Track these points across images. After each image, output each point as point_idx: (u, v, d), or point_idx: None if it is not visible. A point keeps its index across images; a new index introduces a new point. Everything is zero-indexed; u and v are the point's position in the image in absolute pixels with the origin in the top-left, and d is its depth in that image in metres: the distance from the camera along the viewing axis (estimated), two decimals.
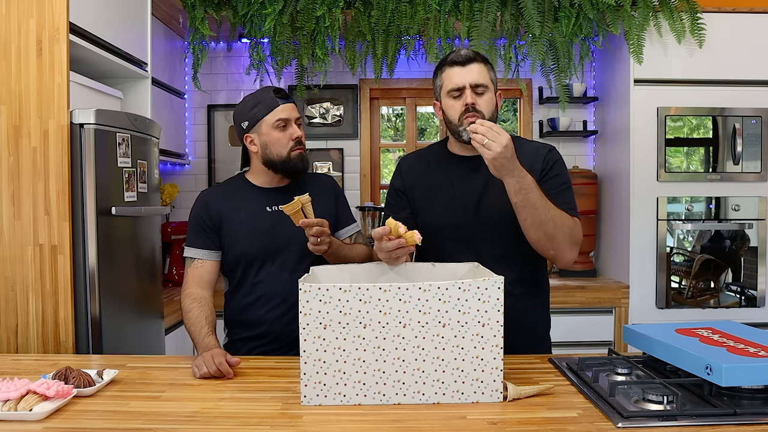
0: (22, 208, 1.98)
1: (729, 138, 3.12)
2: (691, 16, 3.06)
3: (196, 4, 3.16)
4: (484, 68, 1.73)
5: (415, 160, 1.91)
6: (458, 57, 1.73)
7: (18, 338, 1.99)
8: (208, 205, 1.90)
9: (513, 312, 1.58)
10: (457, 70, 1.72)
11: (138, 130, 2.27)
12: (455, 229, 1.76)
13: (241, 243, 1.85)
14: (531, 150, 1.82)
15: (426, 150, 1.94)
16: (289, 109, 1.86)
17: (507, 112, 4.58)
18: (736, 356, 1.28)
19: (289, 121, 1.85)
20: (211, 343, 1.66)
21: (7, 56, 1.97)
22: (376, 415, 1.26)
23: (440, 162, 1.85)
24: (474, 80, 1.70)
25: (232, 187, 1.95)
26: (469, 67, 1.71)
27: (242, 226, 1.86)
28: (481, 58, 1.75)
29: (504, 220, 1.71)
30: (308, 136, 3.66)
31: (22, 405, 1.24)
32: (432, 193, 1.82)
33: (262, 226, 1.85)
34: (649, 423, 1.16)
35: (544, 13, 3.11)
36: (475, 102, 1.70)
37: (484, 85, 1.71)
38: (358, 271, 1.61)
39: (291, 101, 1.88)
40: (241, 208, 1.88)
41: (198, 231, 1.89)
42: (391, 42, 3.25)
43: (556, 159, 1.81)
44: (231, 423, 1.22)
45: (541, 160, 1.78)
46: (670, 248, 3.12)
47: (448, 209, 1.78)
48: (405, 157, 1.97)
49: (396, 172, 1.92)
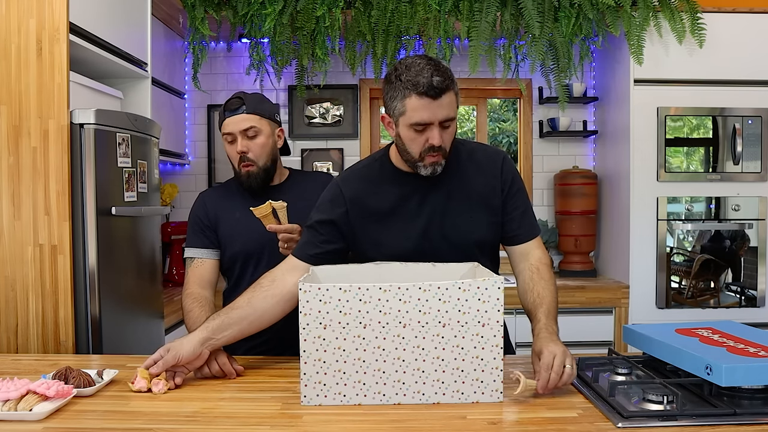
0: (22, 208, 1.98)
1: (729, 138, 3.12)
2: (692, 16, 3.06)
3: (196, 4, 3.16)
4: (453, 96, 1.48)
5: (361, 187, 1.63)
6: (430, 89, 1.43)
7: (18, 338, 1.99)
8: (205, 205, 1.92)
9: None
10: (426, 102, 1.44)
11: (138, 130, 2.27)
12: (415, 255, 1.60)
13: (237, 241, 1.86)
14: (483, 159, 1.65)
15: (366, 169, 1.67)
16: (235, 122, 1.82)
17: (507, 112, 4.58)
18: (736, 356, 1.28)
19: (233, 134, 1.83)
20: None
21: (7, 56, 1.97)
22: (376, 415, 1.26)
23: (390, 185, 1.62)
24: (444, 115, 1.47)
25: (229, 188, 1.97)
26: (440, 100, 1.45)
27: (238, 224, 1.87)
28: (451, 82, 1.47)
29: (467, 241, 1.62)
30: (308, 136, 3.67)
31: (22, 405, 1.23)
32: (385, 219, 1.61)
33: (258, 225, 1.83)
34: (649, 423, 1.16)
35: (544, 13, 3.11)
36: (442, 141, 1.49)
37: (452, 118, 1.50)
38: (358, 271, 1.61)
39: (241, 112, 1.81)
40: (237, 208, 1.89)
41: (196, 231, 1.90)
42: (391, 42, 3.25)
43: (513, 171, 1.65)
44: (231, 423, 1.22)
45: (498, 173, 1.62)
46: (670, 248, 3.12)
47: (407, 235, 1.61)
48: (347, 184, 1.64)
49: (334, 199, 1.62)
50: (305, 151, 3.67)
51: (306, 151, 3.67)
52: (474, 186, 1.62)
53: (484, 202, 1.61)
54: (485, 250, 1.67)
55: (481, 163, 1.64)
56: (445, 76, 1.46)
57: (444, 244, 1.61)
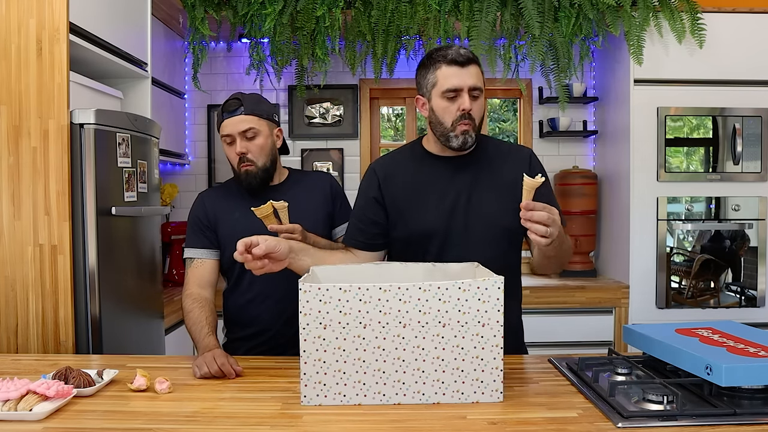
0: (22, 208, 1.98)
1: (729, 138, 3.12)
2: (692, 16, 3.06)
3: (196, 4, 3.16)
4: (480, 70, 1.64)
5: (393, 166, 1.77)
6: (458, 56, 1.60)
7: (18, 338, 1.99)
8: (204, 206, 1.92)
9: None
10: (455, 70, 1.60)
11: (138, 130, 2.27)
12: (442, 234, 1.68)
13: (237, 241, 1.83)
14: (510, 153, 1.76)
15: (399, 153, 1.82)
16: (233, 124, 1.82)
17: (507, 112, 4.58)
18: (736, 356, 1.28)
19: (232, 136, 1.83)
20: (211, 344, 1.67)
21: (7, 56, 1.97)
22: (376, 415, 1.26)
23: (420, 164, 1.74)
24: (473, 83, 1.61)
25: (228, 188, 1.97)
26: (468, 68, 1.61)
27: (237, 224, 1.87)
28: (477, 60, 1.65)
29: (492, 224, 1.67)
30: (308, 136, 3.67)
31: (22, 405, 1.23)
32: (415, 198, 1.71)
33: (257, 225, 1.83)
34: (649, 423, 1.16)
35: (544, 13, 3.11)
36: (471, 108, 1.62)
37: (480, 89, 1.63)
38: (358, 271, 1.61)
39: (239, 113, 1.82)
40: (236, 208, 1.89)
41: (195, 231, 1.91)
42: (391, 42, 3.25)
43: (540, 166, 1.74)
44: (231, 423, 1.22)
45: (526, 165, 1.71)
46: (670, 248, 3.12)
47: (435, 214, 1.69)
48: (379, 164, 1.80)
49: (369, 181, 1.75)
50: (305, 151, 3.67)
51: (306, 151, 3.67)
52: (501, 174, 1.69)
53: (509, 190, 1.66)
54: (510, 236, 1.70)
55: (509, 155, 1.75)
56: (472, 54, 1.63)
57: (470, 225, 1.67)
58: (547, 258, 1.65)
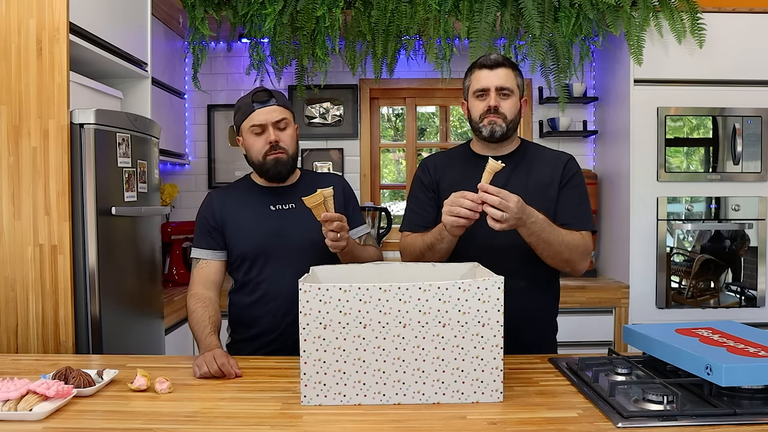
0: (22, 208, 1.98)
1: (729, 138, 3.12)
2: (691, 16, 3.06)
3: (196, 4, 3.16)
4: (511, 73, 1.82)
5: (441, 159, 1.97)
6: (488, 60, 1.82)
7: (18, 338, 1.99)
8: (212, 206, 1.91)
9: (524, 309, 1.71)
10: (485, 72, 1.81)
11: (138, 130, 2.27)
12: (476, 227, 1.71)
13: (244, 241, 1.86)
14: (550, 157, 1.90)
15: (451, 150, 2.02)
16: (266, 113, 1.82)
17: None
18: (736, 356, 1.28)
19: (264, 126, 1.82)
20: (212, 343, 1.67)
21: (7, 56, 1.97)
22: (376, 415, 1.26)
23: (464, 161, 1.91)
24: (500, 83, 1.79)
25: (237, 188, 1.97)
26: (496, 71, 1.80)
27: (245, 224, 1.86)
28: (510, 64, 1.83)
29: None
30: (308, 136, 3.67)
31: (22, 405, 1.24)
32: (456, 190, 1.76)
33: (265, 225, 1.85)
34: (649, 423, 1.16)
35: (544, 14, 3.12)
36: (499, 104, 1.79)
37: (509, 88, 1.80)
38: (358, 271, 1.61)
39: (271, 104, 1.83)
40: (245, 207, 1.89)
41: (203, 232, 1.90)
42: (391, 42, 3.25)
43: (575, 170, 1.87)
44: (231, 423, 1.22)
45: (561, 169, 1.85)
46: (670, 248, 3.12)
47: None
48: (431, 156, 2.02)
49: (422, 170, 1.95)
50: (305, 151, 3.67)
51: (306, 151, 3.67)
52: (535, 176, 1.82)
53: (541, 191, 1.79)
54: None
55: (547, 158, 1.89)
56: (504, 59, 1.83)
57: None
58: (532, 247, 1.70)
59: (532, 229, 1.63)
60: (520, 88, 1.85)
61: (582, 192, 1.85)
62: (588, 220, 1.81)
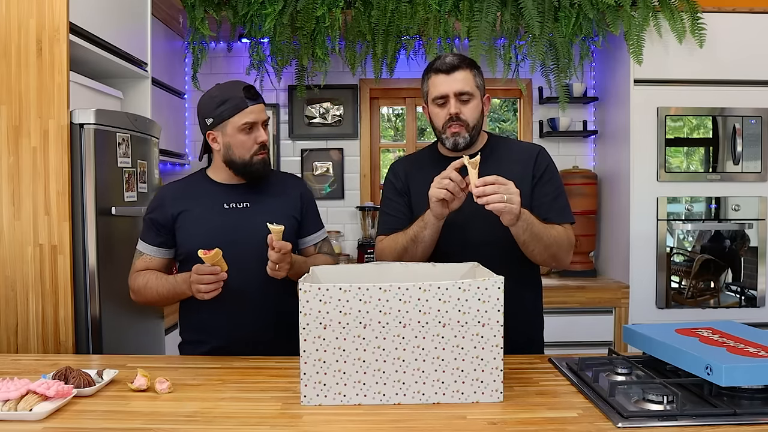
0: (22, 208, 1.98)
1: (729, 138, 3.12)
2: (692, 16, 3.06)
3: (196, 4, 3.16)
4: (469, 74, 1.73)
5: (410, 163, 1.91)
6: (443, 65, 1.73)
7: (18, 338, 1.99)
8: (164, 203, 1.82)
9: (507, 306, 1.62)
10: (442, 78, 1.73)
11: (138, 130, 2.28)
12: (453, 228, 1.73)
13: (195, 239, 1.77)
14: (521, 150, 1.83)
15: (418, 153, 1.95)
16: (258, 111, 1.76)
17: (507, 112, 4.58)
18: (736, 356, 1.28)
19: (255, 124, 1.76)
20: (185, 274, 1.67)
21: (7, 56, 1.97)
22: (376, 415, 1.26)
23: (433, 164, 1.81)
24: (458, 89, 1.72)
25: (191, 184, 1.88)
26: (453, 75, 1.72)
27: (197, 222, 1.79)
28: (467, 64, 1.74)
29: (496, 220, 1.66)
30: (308, 136, 3.67)
31: (22, 405, 1.23)
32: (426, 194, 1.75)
33: (218, 223, 1.78)
34: (649, 423, 1.16)
35: (544, 13, 3.11)
36: (459, 111, 1.72)
37: (468, 93, 1.72)
38: (358, 271, 1.61)
39: (261, 101, 1.79)
40: (198, 205, 1.81)
41: (150, 228, 1.82)
42: (391, 42, 3.25)
43: (548, 162, 1.81)
44: (231, 423, 1.22)
45: (532, 163, 1.78)
46: (670, 248, 3.12)
47: None
48: (400, 160, 1.97)
49: (391, 175, 1.90)
50: (305, 151, 3.67)
51: (306, 151, 3.68)
52: (505, 172, 1.69)
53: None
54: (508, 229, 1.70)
55: (518, 154, 1.82)
56: (461, 59, 1.74)
57: (475, 220, 1.71)
58: (523, 244, 1.66)
59: (528, 222, 1.60)
60: (480, 87, 1.77)
61: (557, 184, 1.79)
62: (567, 212, 1.78)
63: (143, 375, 1.40)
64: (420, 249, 1.71)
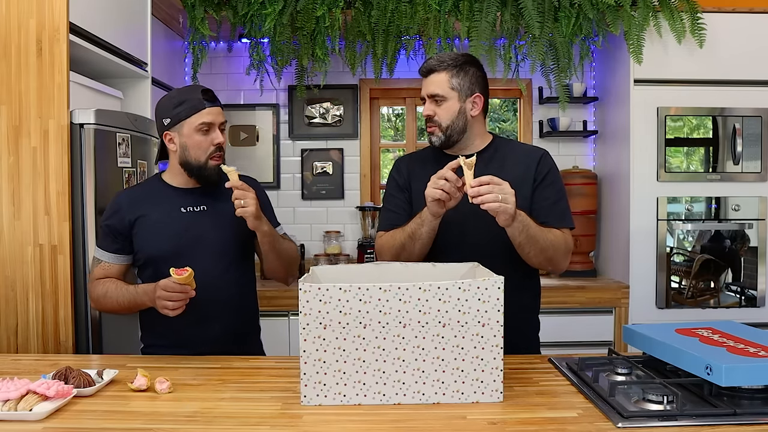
0: (22, 208, 1.98)
1: (729, 138, 3.12)
2: (692, 16, 3.06)
3: (196, 4, 3.16)
4: (444, 77, 1.77)
5: (413, 160, 1.94)
6: (422, 68, 1.81)
7: (18, 338, 1.99)
8: (120, 209, 1.80)
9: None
10: (424, 81, 1.81)
11: (138, 130, 2.28)
12: (452, 227, 1.73)
13: (153, 244, 1.77)
14: (524, 153, 1.84)
15: (422, 151, 1.98)
16: (215, 113, 1.77)
17: (507, 112, 4.58)
18: (736, 356, 1.28)
19: (213, 125, 1.76)
20: (148, 287, 1.66)
21: (7, 56, 1.97)
22: (376, 415, 1.26)
23: (435, 162, 1.83)
24: (430, 91, 1.78)
25: (146, 189, 1.87)
26: (429, 78, 1.79)
27: (155, 227, 1.78)
28: (444, 66, 1.77)
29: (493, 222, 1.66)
30: (308, 136, 3.67)
31: (22, 405, 1.24)
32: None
33: (175, 227, 1.77)
34: (649, 423, 1.16)
35: (544, 13, 3.11)
36: (433, 113, 1.78)
37: (439, 95, 1.77)
38: (358, 271, 1.61)
39: (218, 105, 1.79)
40: (155, 209, 1.80)
41: (107, 234, 1.80)
42: (391, 42, 3.25)
43: (550, 166, 1.81)
44: (231, 423, 1.22)
45: (534, 166, 1.79)
46: (670, 248, 3.12)
47: None
48: (403, 157, 2.00)
49: (394, 172, 1.94)
50: (305, 151, 3.67)
51: (306, 151, 3.68)
52: (508, 173, 1.70)
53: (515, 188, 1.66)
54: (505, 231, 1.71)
55: (520, 156, 1.83)
56: (439, 61, 1.78)
57: (472, 221, 1.72)
58: (519, 246, 1.67)
59: (524, 223, 1.61)
60: (459, 88, 1.76)
61: (559, 188, 1.80)
62: (567, 217, 1.78)
63: (143, 375, 1.41)
64: (417, 246, 1.73)
